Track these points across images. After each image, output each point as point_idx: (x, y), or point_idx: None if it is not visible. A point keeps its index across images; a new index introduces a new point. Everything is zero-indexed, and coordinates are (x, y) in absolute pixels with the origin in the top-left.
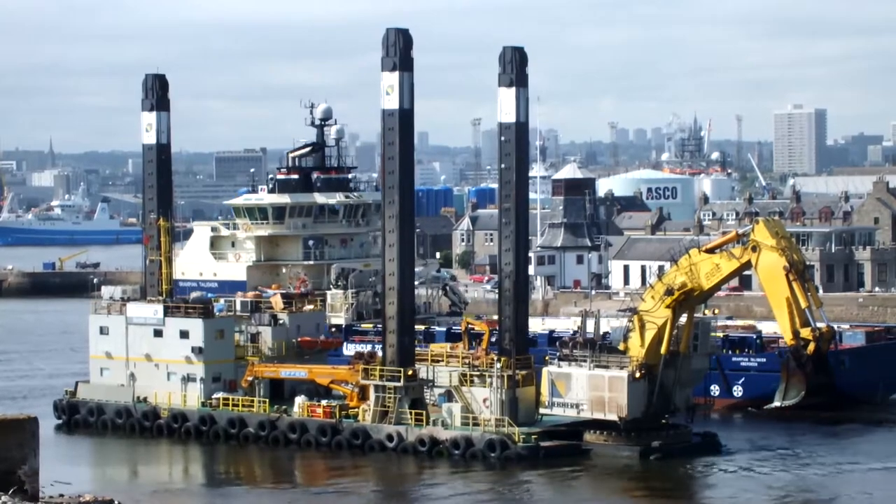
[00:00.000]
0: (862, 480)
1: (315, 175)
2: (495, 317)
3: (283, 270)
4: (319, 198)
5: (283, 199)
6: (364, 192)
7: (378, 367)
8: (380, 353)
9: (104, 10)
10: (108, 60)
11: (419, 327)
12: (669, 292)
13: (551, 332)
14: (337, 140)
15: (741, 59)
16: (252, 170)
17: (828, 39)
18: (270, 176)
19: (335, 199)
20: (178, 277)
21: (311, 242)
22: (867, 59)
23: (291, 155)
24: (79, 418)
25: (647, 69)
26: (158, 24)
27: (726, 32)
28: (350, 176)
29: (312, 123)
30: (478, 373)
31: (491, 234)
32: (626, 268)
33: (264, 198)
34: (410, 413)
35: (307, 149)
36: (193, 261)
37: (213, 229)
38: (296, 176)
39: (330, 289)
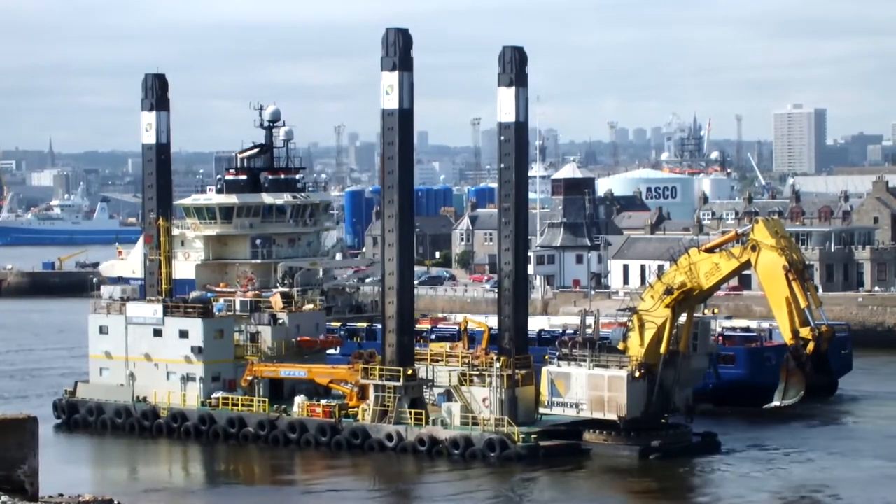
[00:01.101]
0: (861, 478)
1: (263, 175)
2: (440, 314)
3: (232, 269)
4: (267, 198)
5: (231, 199)
6: (313, 192)
7: (378, 367)
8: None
9: (105, 10)
10: (109, 60)
11: (362, 325)
12: (669, 292)
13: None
14: (286, 141)
15: (744, 59)
16: (202, 170)
17: (829, 40)
18: (219, 176)
19: (283, 199)
20: (130, 276)
21: (258, 242)
22: (868, 59)
23: (240, 156)
24: (78, 418)
25: (651, 69)
26: (159, 24)
27: (730, 33)
28: (298, 176)
29: (261, 125)
30: (477, 372)
31: (490, 234)
32: (625, 267)
33: (212, 198)
34: (410, 413)
35: (255, 150)
36: (143, 260)
37: None
38: (244, 176)
39: (276, 287)
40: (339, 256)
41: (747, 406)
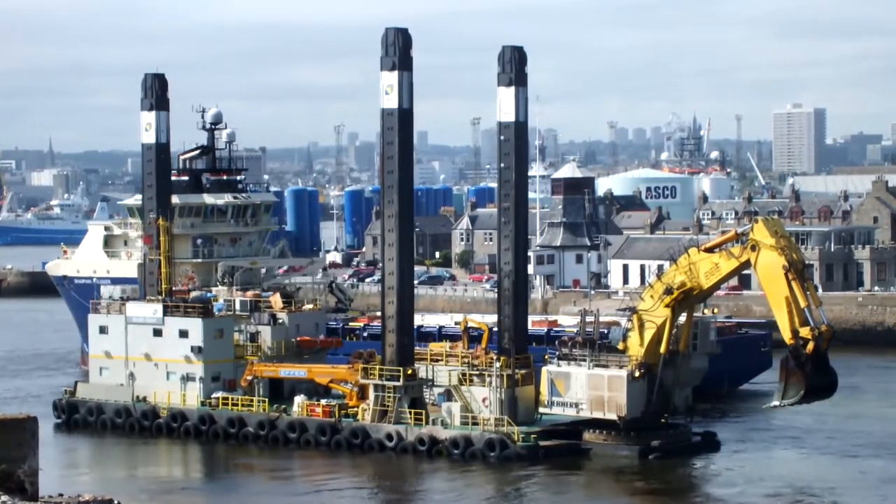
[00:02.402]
0: (861, 477)
1: (205, 176)
2: (378, 312)
3: (174, 268)
4: (208, 198)
5: (172, 199)
6: (254, 192)
7: (377, 367)
8: None
9: (111, 12)
10: (110, 61)
11: None
12: (668, 291)
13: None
14: (228, 143)
15: (749, 59)
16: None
17: (833, 40)
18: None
19: (223, 199)
20: (74, 275)
21: (199, 241)
22: (870, 59)
23: (182, 157)
24: (78, 418)
25: (656, 70)
26: (161, 25)
27: (736, 34)
28: (239, 178)
29: (204, 127)
30: (477, 372)
31: (490, 234)
32: (625, 267)
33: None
34: (410, 412)
35: (197, 151)
36: (88, 259)
37: (107, 228)
38: (186, 177)
39: (217, 285)
40: (281, 256)
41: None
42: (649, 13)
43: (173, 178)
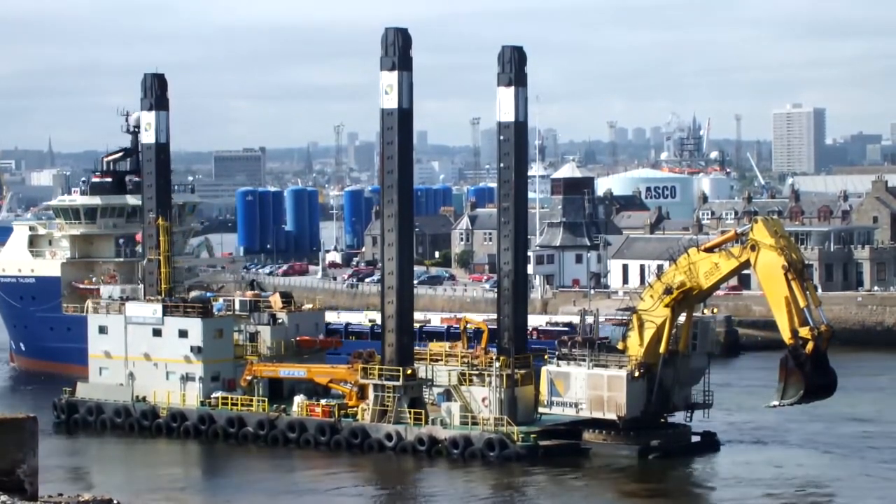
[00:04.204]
0: (861, 476)
1: (129, 178)
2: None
3: (97, 267)
4: (131, 199)
5: (95, 200)
6: (179, 193)
7: (377, 367)
8: None
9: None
10: (110, 61)
11: None
12: (668, 291)
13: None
14: None
15: (753, 60)
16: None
17: (832, 41)
18: (83, 178)
19: None
20: (0, 274)
21: (121, 241)
22: (870, 60)
23: (105, 159)
24: (78, 417)
25: (662, 70)
26: (161, 26)
27: (736, 35)
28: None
29: (127, 130)
30: (476, 372)
31: (490, 234)
32: (625, 267)
33: (77, 199)
34: (409, 412)
35: (120, 153)
36: (13, 258)
37: (32, 228)
38: (109, 179)
39: (139, 284)
40: (204, 254)
41: None
42: (653, 14)
43: (96, 179)
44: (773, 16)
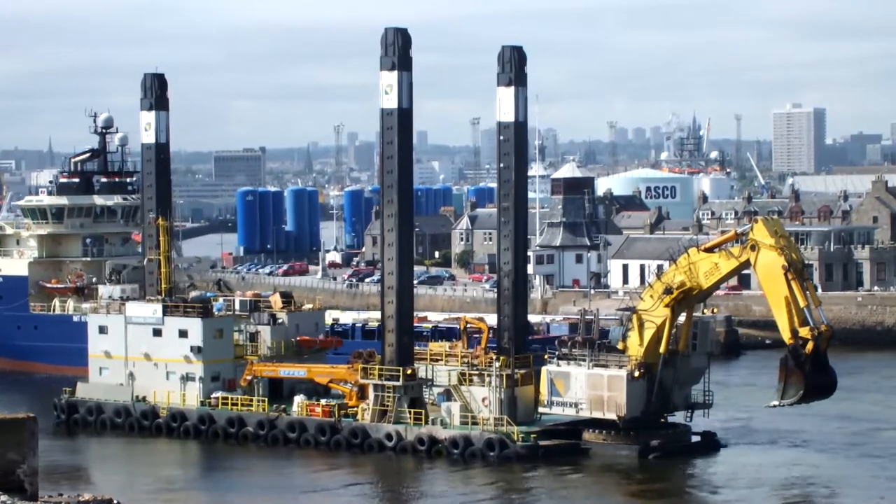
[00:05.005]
0: (860, 476)
1: (97, 178)
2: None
3: (65, 266)
4: (98, 199)
5: (62, 200)
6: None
7: (377, 367)
8: None
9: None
10: (111, 62)
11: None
12: (668, 291)
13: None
14: (120, 146)
15: (750, 60)
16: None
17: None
18: (50, 180)
19: (113, 200)
20: None
21: (88, 241)
22: (870, 60)
23: (73, 160)
24: (78, 417)
25: (666, 71)
26: (164, 27)
27: (740, 36)
28: (130, 180)
29: (95, 131)
30: (476, 372)
31: (490, 234)
32: (625, 267)
33: (44, 199)
34: (409, 412)
35: (87, 154)
36: None
37: None
38: (76, 179)
39: (105, 283)
40: (172, 254)
41: None
42: (658, 15)
43: (64, 179)
44: (773, 16)
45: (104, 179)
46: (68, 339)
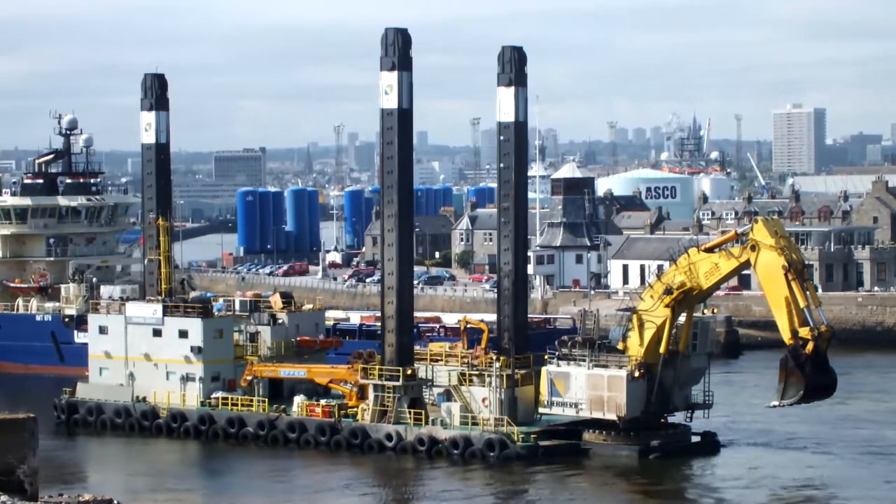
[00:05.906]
0: (860, 475)
1: (61, 179)
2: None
3: (29, 266)
4: (62, 200)
5: (25, 201)
6: (110, 193)
7: (377, 367)
8: None
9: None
10: (111, 62)
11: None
12: (668, 291)
13: None
14: (85, 147)
15: (752, 60)
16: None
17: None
18: (14, 181)
19: (77, 201)
20: None
21: (52, 241)
22: (870, 61)
23: (37, 161)
24: (78, 418)
25: (671, 71)
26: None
27: (743, 36)
28: (95, 180)
29: (60, 132)
30: (477, 372)
31: (490, 234)
32: (625, 267)
33: (7, 200)
34: (409, 412)
35: (51, 155)
36: None
37: None
38: (41, 180)
39: (68, 282)
40: (137, 254)
41: None
42: (662, 16)
43: (28, 180)
44: (774, 17)
45: (69, 180)
46: (32, 339)
